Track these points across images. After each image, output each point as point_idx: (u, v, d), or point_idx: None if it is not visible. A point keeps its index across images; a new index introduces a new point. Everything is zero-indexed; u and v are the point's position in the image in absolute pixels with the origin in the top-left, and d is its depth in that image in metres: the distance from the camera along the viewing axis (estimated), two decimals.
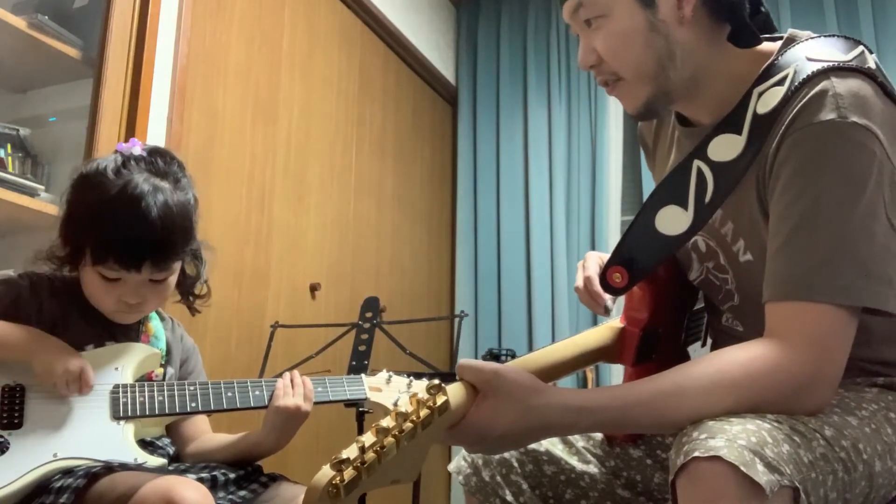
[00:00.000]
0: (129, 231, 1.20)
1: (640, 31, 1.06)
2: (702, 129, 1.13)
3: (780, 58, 1.06)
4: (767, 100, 1.03)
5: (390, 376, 1.44)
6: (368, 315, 2.05)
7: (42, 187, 1.87)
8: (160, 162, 1.28)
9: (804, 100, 0.98)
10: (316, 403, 1.33)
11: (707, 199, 1.07)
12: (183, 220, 1.25)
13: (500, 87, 3.82)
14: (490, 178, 3.76)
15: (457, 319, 2.29)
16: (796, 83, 1.01)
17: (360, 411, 2.19)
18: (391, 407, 1.40)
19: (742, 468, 0.78)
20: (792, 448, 0.84)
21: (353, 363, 1.95)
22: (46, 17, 1.88)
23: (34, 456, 1.13)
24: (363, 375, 1.42)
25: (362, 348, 1.97)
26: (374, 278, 3.12)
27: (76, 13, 2.02)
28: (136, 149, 1.28)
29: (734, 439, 0.81)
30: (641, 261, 1.12)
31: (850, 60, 1.00)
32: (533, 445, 1.20)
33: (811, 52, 1.04)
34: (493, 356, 2.61)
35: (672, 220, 1.10)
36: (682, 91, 1.11)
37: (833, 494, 0.86)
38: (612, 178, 3.51)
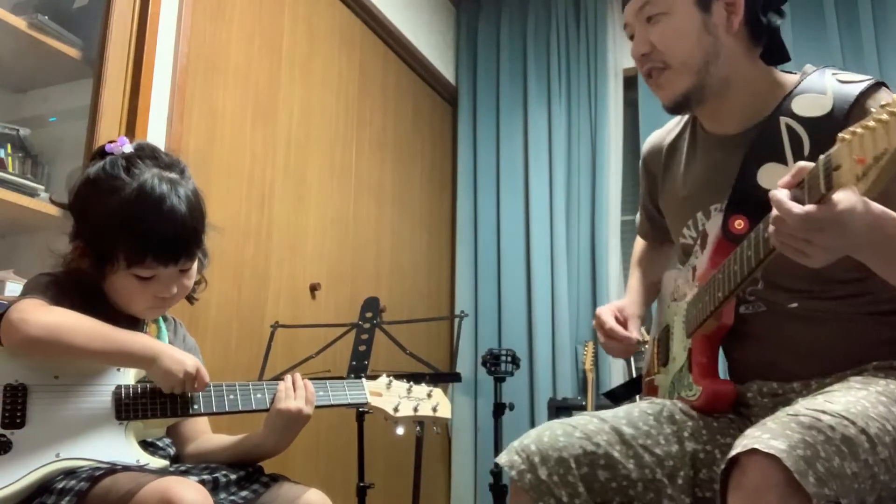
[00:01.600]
0: (162, 229, 1.22)
1: (694, 29, 1.26)
2: (735, 137, 1.30)
3: (807, 78, 1.26)
4: (847, 73, 1.23)
5: (391, 381, 1.44)
6: (368, 315, 2.05)
7: (42, 187, 1.87)
8: (163, 155, 1.30)
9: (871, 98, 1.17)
10: (317, 407, 1.33)
11: (806, 153, 1.18)
12: (202, 208, 1.29)
13: (500, 87, 3.82)
14: (490, 178, 3.76)
15: (457, 319, 2.29)
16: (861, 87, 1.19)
17: (361, 412, 2.20)
18: (391, 412, 1.41)
19: (796, 475, 0.88)
20: (840, 461, 0.93)
21: (353, 363, 1.95)
22: (46, 17, 1.88)
23: (37, 456, 1.13)
24: (364, 380, 1.41)
25: (362, 348, 1.97)
26: (374, 278, 3.12)
27: (76, 13, 2.02)
28: (128, 147, 1.28)
29: (794, 447, 0.90)
30: (757, 209, 1.15)
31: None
32: (591, 447, 1.19)
33: (840, 76, 1.24)
34: (494, 356, 2.61)
35: (775, 175, 1.17)
36: (716, 90, 1.28)
37: (870, 498, 0.96)
38: (612, 178, 3.51)
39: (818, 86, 1.24)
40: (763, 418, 1.22)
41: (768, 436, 0.93)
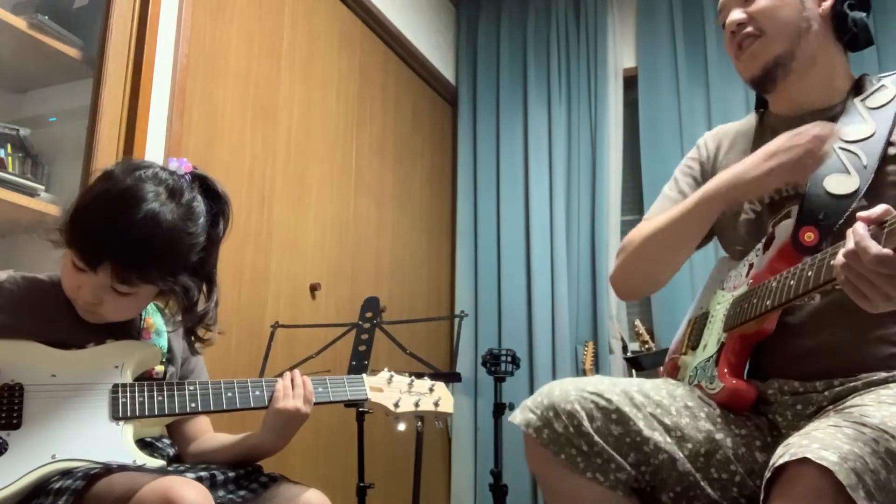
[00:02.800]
0: (102, 227, 1.17)
1: (792, 2, 1.35)
2: (806, 117, 1.34)
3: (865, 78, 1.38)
4: (873, 101, 1.34)
5: (391, 376, 1.43)
6: (368, 315, 2.05)
7: (42, 187, 1.87)
8: (185, 185, 1.25)
9: None
10: (316, 404, 1.33)
11: (864, 163, 1.26)
12: (166, 244, 1.19)
13: (500, 87, 3.81)
14: (490, 178, 3.75)
15: (457, 319, 2.29)
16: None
17: (360, 412, 2.20)
18: (392, 407, 1.40)
19: (848, 489, 0.89)
20: (886, 474, 0.94)
21: (353, 363, 1.95)
22: (46, 17, 1.88)
23: (33, 457, 1.12)
24: (364, 375, 1.41)
25: (362, 348, 1.97)
26: (374, 278, 3.12)
27: (76, 13, 2.02)
28: (181, 168, 1.27)
29: (845, 459, 0.90)
30: (827, 220, 1.20)
31: None
32: (603, 402, 1.21)
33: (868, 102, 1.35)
34: (494, 356, 2.61)
35: (840, 183, 1.26)
36: (803, 63, 1.36)
37: None
38: (612, 178, 3.51)
39: (857, 115, 1.33)
40: (783, 415, 1.24)
41: (818, 446, 0.93)
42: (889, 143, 1.27)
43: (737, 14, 1.38)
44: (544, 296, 3.48)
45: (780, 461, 0.94)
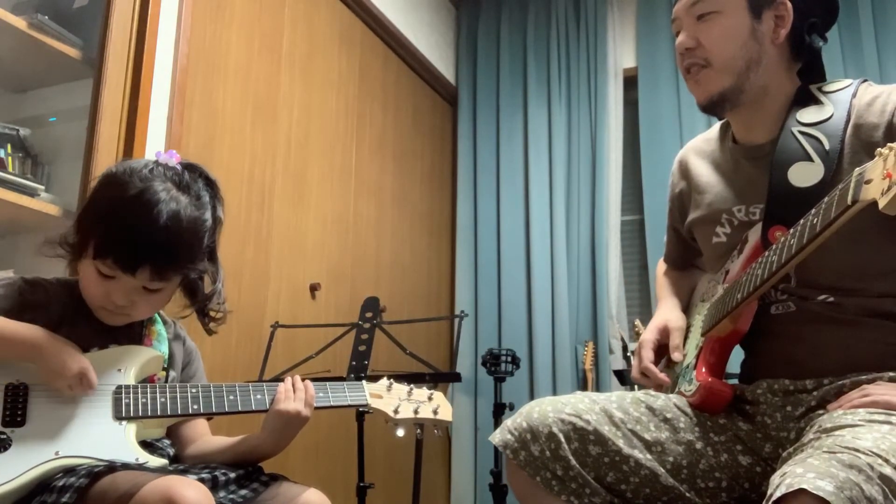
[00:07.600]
0: (134, 233, 1.20)
1: (743, 32, 1.30)
2: (763, 147, 1.33)
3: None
4: (829, 86, 1.33)
5: (391, 383, 1.44)
6: (368, 315, 2.05)
7: (42, 187, 1.87)
8: (186, 176, 1.29)
9: (862, 84, 1.31)
10: (316, 408, 1.33)
11: (827, 147, 1.24)
12: (191, 236, 1.24)
13: (500, 87, 3.82)
14: (490, 178, 3.76)
15: (457, 319, 2.29)
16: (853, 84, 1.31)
17: (361, 412, 2.20)
18: (391, 414, 1.41)
19: None
20: (883, 500, 0.93)
21: (353, 363, 1.95)
22: (46, 17, 1.88)
23: (36, 454, 1.14)
24: (364, 382, 1.42)
25: (362, 348, 1.97)
26: (374, 278, 3.12)
27: (76, 13, 2.02)
28: (172, 160, 1.30)
29: (841, 488, 0.90)
30: (794, 216, 1.17)
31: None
32: (581, 424, 1.23)
33: (824, 87, 1.34)
34: (494, 356, 2.61)
35: (805, 174, 1.24)
36: (752, 96, 1.32)
37: None
38: (612, 178, 3.51)
39: (813, 99, 1.31)
40: (772, 416, 1.24)
41: (813, 475, 0.92)
42: (848, 124, 1.25)
43: (685, 37, 1.34)
44: (544, 296, 3.48)
45: (778, 493, 0.93)
